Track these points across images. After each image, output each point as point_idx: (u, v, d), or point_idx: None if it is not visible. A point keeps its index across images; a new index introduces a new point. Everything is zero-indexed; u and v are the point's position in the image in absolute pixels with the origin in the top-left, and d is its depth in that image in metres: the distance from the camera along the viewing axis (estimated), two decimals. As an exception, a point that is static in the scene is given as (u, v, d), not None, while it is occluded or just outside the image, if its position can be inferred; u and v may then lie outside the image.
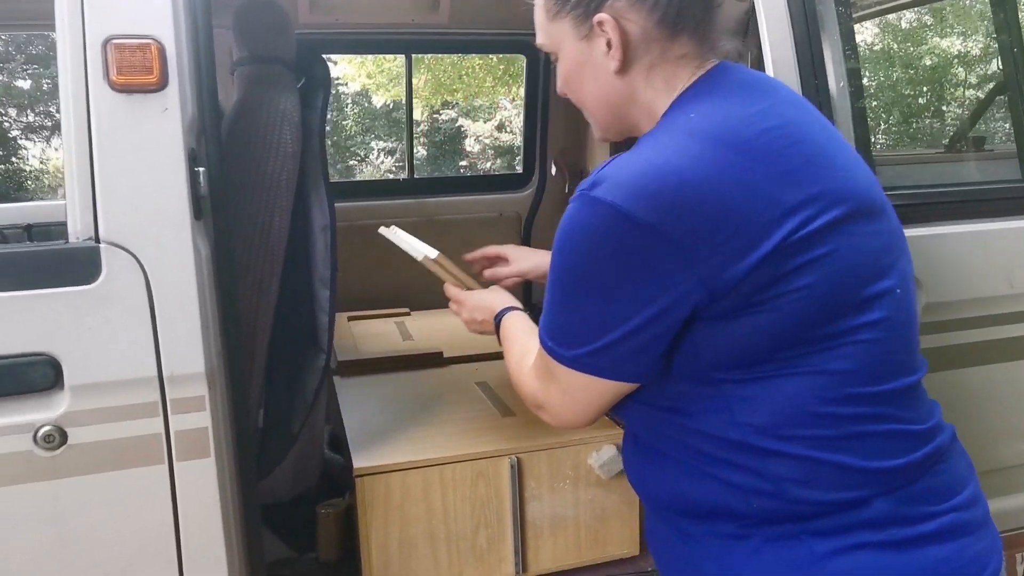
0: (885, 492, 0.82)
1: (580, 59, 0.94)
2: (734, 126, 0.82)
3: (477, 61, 12.69)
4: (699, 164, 0.79)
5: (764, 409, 0.82)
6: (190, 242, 1.13)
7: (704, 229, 0.77)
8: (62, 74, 1.11)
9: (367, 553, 1.50)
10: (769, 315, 0.79)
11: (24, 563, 1.11)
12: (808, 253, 0.78)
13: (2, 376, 1.07)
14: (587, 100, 0.98)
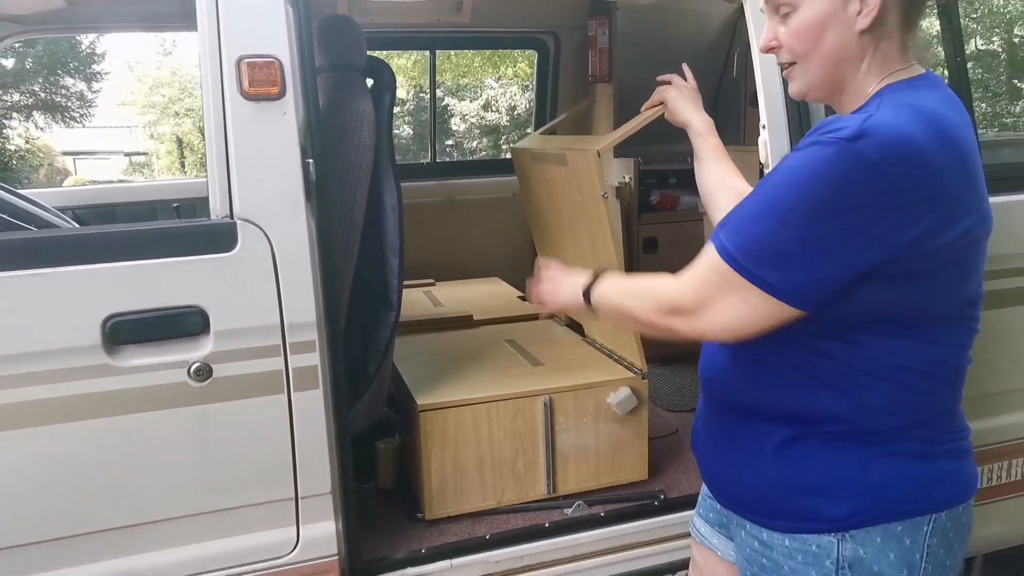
0: (922, 423, 1.07)
1: (829, 12, 1.02)
2: (956, 130, 0.98)
3: (467, 41, 12.81)
4: (936, 149, 0.93)
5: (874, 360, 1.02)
6: (304, 219, 1.43)
7: (913, 201, 0.92)
8: (204, 86, 1.40)
9: (427, 475, 1.82)
10: (923, 285, 0.97)
11: (179, 468, 1.42)
12: (961, 252, 0.98)
13: (164, 323, 1.37)
14: (817, 52, 1.05)
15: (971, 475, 1.12)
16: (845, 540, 1.06)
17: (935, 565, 1.07)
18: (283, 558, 1.51)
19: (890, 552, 1.05)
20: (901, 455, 1.06)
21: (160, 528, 1.43)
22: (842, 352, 1.03)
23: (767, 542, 1.12)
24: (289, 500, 1.50)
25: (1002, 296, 1.84)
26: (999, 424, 1.92)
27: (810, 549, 1.07)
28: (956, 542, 1.10)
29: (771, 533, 1.11)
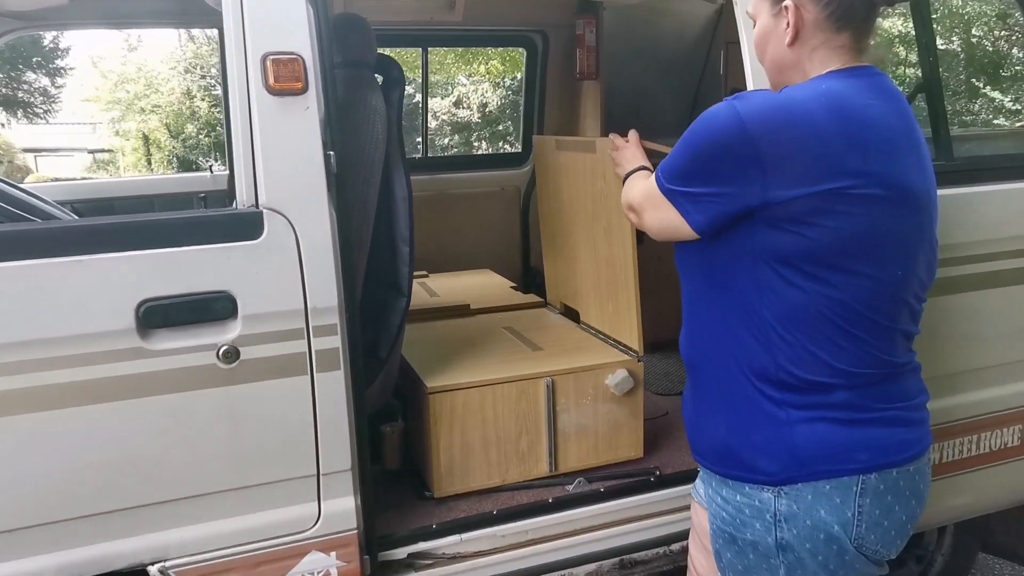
0: (847, 387, 1.19)
1: (768, 28, 1.25)
2: (846, 100, 1.14)
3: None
4: (806, 111, 1.12)
5: (784, 303, 1.17)
6: (326, 208, 1.51)
7: (785, 155, 1.10)
8: (230, 81, 1.47)
9: (436, 454, 1.90)
10: (811, 233, 1.12)
11: (208, 447, 1.48)
12: (844, 206, 1.11)
13: (195, 308, 1.43)
14: (765, 59, 1.29)
15: (904, 441, 1.23)
16: (780, 496, 1.21)
17: (870, 524, 1.19)
18: (306, 532, 1.58)
19: (820, 509, 1.18)
20: (828, 419, 1.19)
21: (190, 504, 1.50)
22: (756, 301, 1.18)
23: (726, 497, 1.27)
24: (312, 477, 1.57)
25: (958, 282, 1.96)
26: (966, 401, 2.05)
27: (754, 503, 1.23)
28: (897, 505, 1.21)
29: (728, 490, 1.27)
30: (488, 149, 15.47)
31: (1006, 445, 2.12)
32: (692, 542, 1.54)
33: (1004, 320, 2.05)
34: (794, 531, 1.20)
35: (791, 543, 1.20)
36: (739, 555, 1.27)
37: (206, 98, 17.01)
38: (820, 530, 1.19)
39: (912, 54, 14.13)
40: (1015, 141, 3.10)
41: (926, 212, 1.22)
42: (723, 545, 1.30)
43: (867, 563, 1.22)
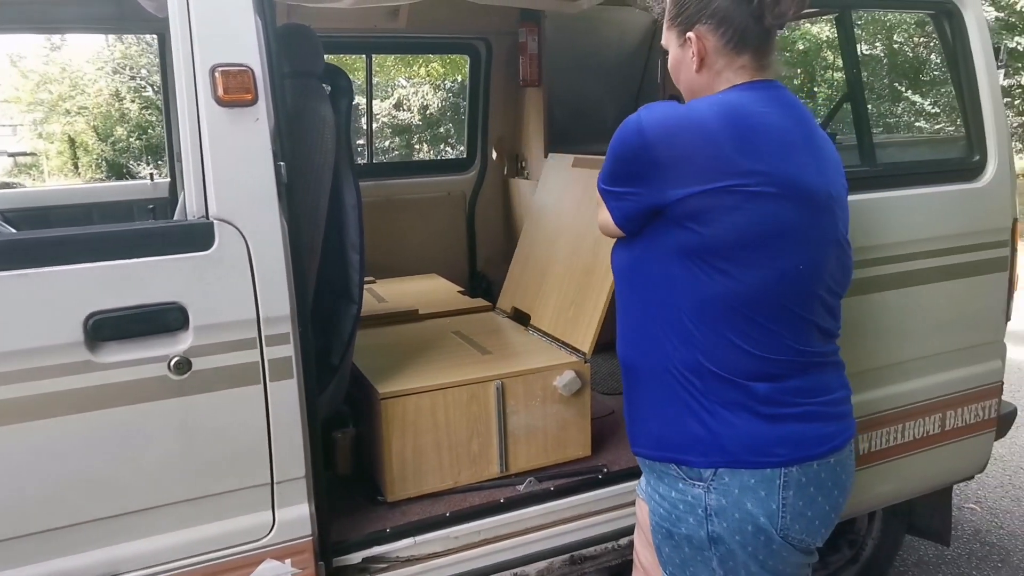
0: (766, 379, 1.27)
1: (678, 58, 1.35)
2: (741, 108, 1.24)
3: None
4: (700, 118, 1.22)
5: (696, 297, 1.25)
6: (277, 218, 1.52)
7: (679, 157, 1.21)
8: (178, 92, 1.47)
9: (388, 459, 1.92)
10: (707, 229, 1.21)
11: (160, 458, 1.48)
12: (735, 202, 1.19)
13: (146, 320, 1.43)
14: (680, 84, 1.39)
15: (822, 435, 1.30)
16: (710, 492, 1.28)
17: (794, 515, 1.27)
18: (260, 540, 1.59)
19: (747, 502, 1.26)
20: (750, 412, 1.26)
21: (143, 517, 1.49)
22: (672, 297, 1.27)
23: (662, 494, 1.35)
24: (266, 485, 1.58)
25: (882, 281, 2.08)
26: (891, 393, 2.18)
27: (687, 499, 1.30)
28: (820, 496, 1.29)
29: (664, 487, 1.34)
30: (429, 152, 15.43)
31: (928, 433, 2.26)
32: (637, 537, 1.61)
33: (924, 316, 2.18)
34: (724, 524, 1.27)
35: (722, 536, 1.28)
36: (676, 549, 1.34)
37: (136, 100, 16.52)
38: (748, 522, 1.26)
39: (839, 58, 14.72)
40: (933, 147, 3.29)
41: (828, 211, 1.29)
42: (662, 540, 1.36)
43: (794, 551, 1.30)
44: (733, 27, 1.29)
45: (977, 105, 2.26)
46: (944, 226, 2.17)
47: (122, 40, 15.32)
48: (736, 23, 1.29)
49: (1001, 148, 2.28)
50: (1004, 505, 3.19)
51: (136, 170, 15.99)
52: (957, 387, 2.28)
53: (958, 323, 2.25)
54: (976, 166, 2.25)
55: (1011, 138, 10.15)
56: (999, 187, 2.26)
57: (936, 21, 2.29)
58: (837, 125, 2.58)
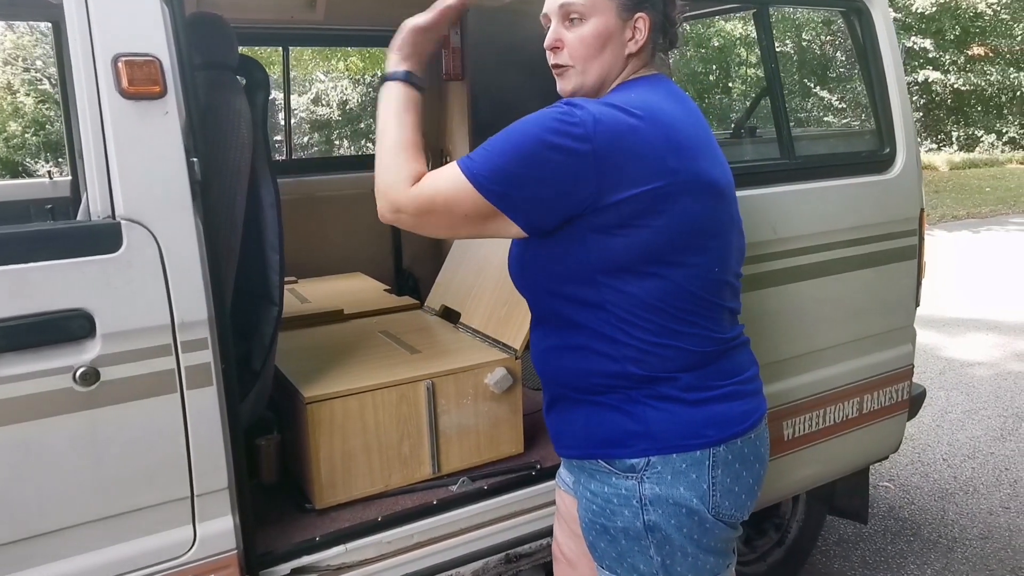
0: (689, 369, 1.29)
1: (611, 32, 1.26)
2: (667, 113, 1.23)
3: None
4: (639, 125, 1.18)
5: (624, 304, 1.24)
6: (191, 217, 1.44)
7: (619, 162, 1.16)
8: (77, 84, 1.37)
9: (316, 465, 1.86)
10: (638, 235, 1.19)
11: (67, 476, 1.38)
12: (665, 202, 1.19)
13: (47, 328, 1.33)
14: (596, 61, 1.27)
15: (743, 412, 1.34)
16: (643, 482, 1.29)
17: (723, 492, 1.31)
18: (181, 557, 1.51)
19: (680, 486, 1.28)
20: (676, 400, 1.29)
21: (50, 540, 1.39)
22: (598, 308, 1.25)
23: (594, 491, 1.34)
24: (185, 499, 1.50)
25: (799, 271, 2.14)
26: (810, 380, 2.25)
27: (621, 492, 1.31)
28: (744, 471, 1.34)
29: (595, 483, 1.34)
30: (350, 147, 15.16)
31: (847, 417, 2.34)
32: (559, 527, 1.61)
33: (840, 304, 2.25)
34: (659, 511, 1.28)
35: (658, 523, 1.29)
36: (612, 543, 1.33)
37: (31, 93, 15.61)
38: (681, 506, 1.28)
39: (752, 55, 15.23)
40: (846, 140, 3.42)
41: (730, 200, 1.33)
42: (596, 536, 1.35)
43: (725, 528, 1.33)
44: (660, 21, 1.31)
45: (886, 100, 2.35)
46: (858, 217, 2.25)
47: (13, 29, 14.44)
48: (661, 18, 1.31)
49: (909, 141, 2.38)
50: (914, 482, 3.36)
51: (33, 168, 15.13)
52: (872, 372, 2.37)
53: (872, 310, 2.34)
54: (886, 158, 2.34)
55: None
56: (908, 178, 2.36)
57: (847, 19, 2.37)
58: (753, 119, 2.63)
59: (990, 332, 5.45)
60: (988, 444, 3.70)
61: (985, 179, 14.12)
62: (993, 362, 4.85)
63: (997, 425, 3.91)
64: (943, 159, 16.46)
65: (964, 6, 16.72)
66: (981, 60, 17.50)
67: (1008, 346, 5.14)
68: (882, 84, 2.34)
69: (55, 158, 15.44)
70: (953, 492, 3.26)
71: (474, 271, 2.48)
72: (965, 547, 2.85)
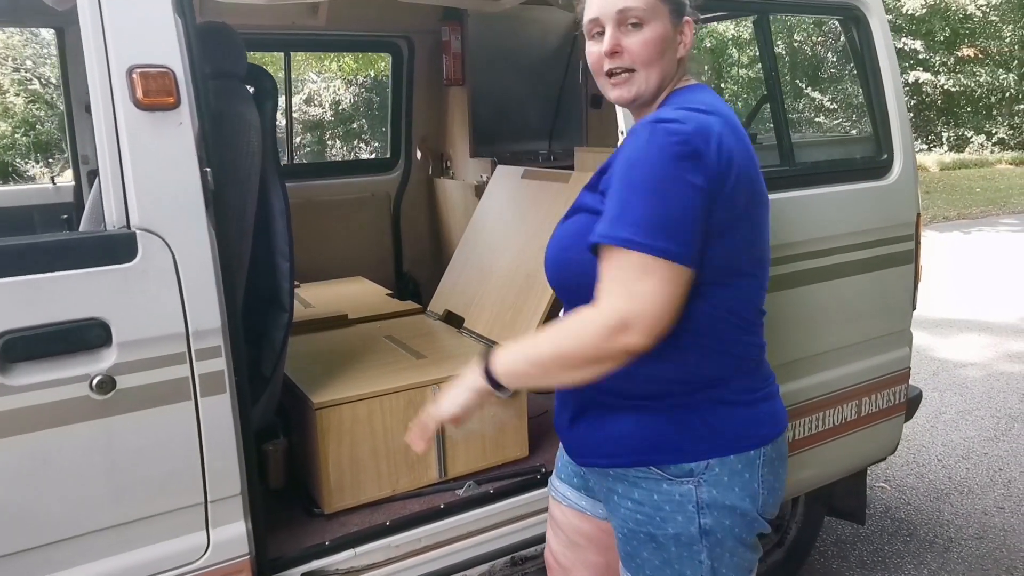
0: (743, 373, 1.31)
1: (669, 35, 1.26)
2: (735, 121, 1.23)
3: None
4: (727, 134, 1.18)
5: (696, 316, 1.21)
6: (205, 227, 1.45)
7: (725, 165, 1.15)
8: (93, 95, 1.38)
9: (325, 470, 1.88)
10: (726, 246, 1.18)
11: (84, 483, 1.39)
12: (748, 211, 1.21)
13: (64, 337, 1.34)
14: (657, 64, 1.26)
15: (783, 411, 1.39)
16: (700, 485, 1.28)
17: (769, 490, 1.33)
18: (195, 563, 1.52)
19: (735, 487, 1.29)
20: (726, 407, 1.29)
21: (67, 547, 1.40)
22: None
23: (638, 499, 1.31)
24: (199, 505, 1.52)
25: (803, 276, 2.17)
26: (813, 382, 2.28)
27: (675, 498, 1.29)
28: (780, 468, 1.37)
29: (640, 491, 1.31)
30: (342, 148, 15.16)
31: (845, 420, 2.37)
32: (553, 536, 1.60)
33: (841, 308, 2.28)
34: (715, 514, 1.28)
35: (712, 526, 1.28)
36: (657, 551, 1.31)
37: (20, 93, 15.53)
38: (736, 507, 1.28)
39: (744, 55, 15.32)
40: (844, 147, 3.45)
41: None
42: (639, 545, 1.34)
43: (765, 524, 1.35)
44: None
45: (883, 106, 2.38)
46: (857, 222, 2.28)
47: (3, 30, 14.36)
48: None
49: (906, 146, 2.41)
50: (910, 482, 3.39)
51: (23, 168, 15.06)
52: (871, 375, 2.40)
53: (870, 314, 2.37)
54: (884, 164, 2.37)
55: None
56: (905, 184, 2.39)
57: (844, 26, 2.40)
58: (753, 126, 2.66)
59: (982, 333, 5.50)
60: (982, 444, 3.74)
61: (975, 180, 14.23)
62: (985, 363, 4.90)
63: (990, 426, 3.96)
64: (933, 160, 16.57)
65: (954, 8, 16.85)
66: (971, 61, 17.65)
67: (999, 347, 5.20)
68: (879, 91, 2.37)
69: (45, 159, 15.38)
70: (948, 492, 3.29)
71: (477, 278, 2.51)
72: (961, 547, 2.89)
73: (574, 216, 1.30)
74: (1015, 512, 3.12)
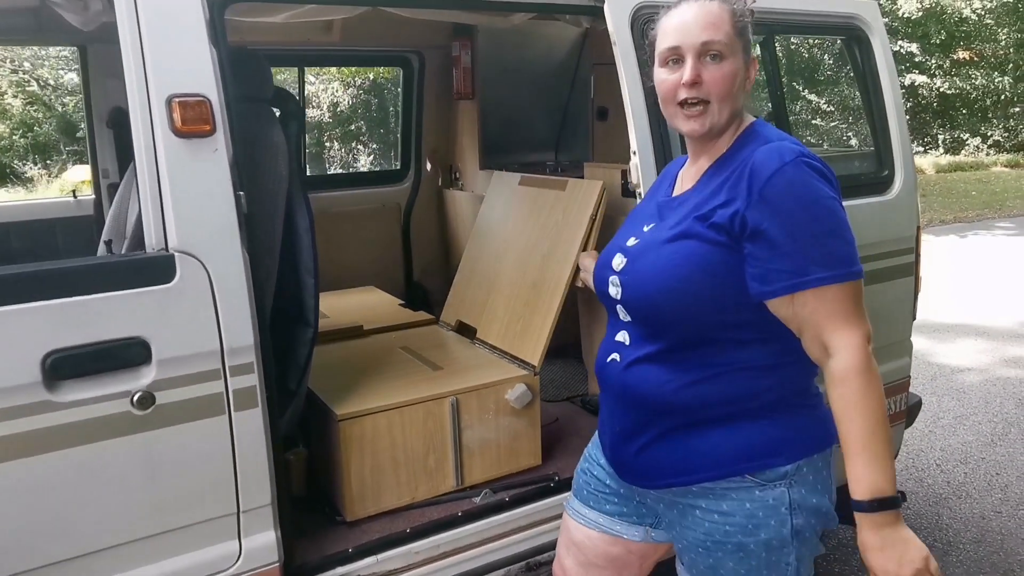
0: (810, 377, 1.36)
1: (740, 72, 1.32)
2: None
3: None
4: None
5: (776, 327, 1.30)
6: (239, 248, 1.52)
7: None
8: (135, 123, 1.45)
9: (347, 479, 1.94)
10: None
11: (123, 495, 1.46)
12: None
13: (106, 356, 1.41)
14: (730, 98, 1.32)
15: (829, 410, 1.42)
16: (792, 487, 1.32)
17: (833, 484, 1.39)
18: (227, 570, 1.59)
19: (818, 484, 1.34)
20: (808, 409, 1.37)
21: (106, 556, 1.47)
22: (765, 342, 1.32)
23: (728, 511, 1.34)
24: (232, 515, 1.58)
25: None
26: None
27: (768, 502, 1.31)
28: (833, 465, 1.41)
29: (731, 502, 1.33)
30: (340, 150, 15.22)
31: (848, 428, 2.44)
32: (567, 554, 1.64)
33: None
34: (804, 513, 1.32)
35: (802, 527, 1.32)
36: (744, 559, 1.34)
37: (19, 95, 15.55)
38: (820, 506, 1.34)
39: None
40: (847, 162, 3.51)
41: None
42: (723, 557, 1.36)
43: (837, 518, 1.39)
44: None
45: (885, 124, 2.45)
46: (861, 236, 2.34)
47: (5, 33, 14.36)
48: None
49: (906, 162, 2.48)
50: (909, 487, 3.46)
51: (21, 169, 15.08)
52: (873, 384, 2.47)
53: (874, 325, 2.44)
54: (886, 180, 2.45)
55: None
56: (906, 198, 2.46)
57: (848, 47, 2.47)
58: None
59: (979, 337, 5.58)
60: (979, 449, 3.81)
61: (971, 182, 14.33)
62: (983, 368, 4.98)
63: (987, 431, 4.03)
64: (929, 162, 16.68)
65: (949, 11, 16.97)
66: (966, 64, 17.76)
67: (997, 351, 5.28)
68: (880, 109, 2.45)
69: (43, 160, 15.40)
70: (947, 497, 3.37)
71: (485, 288, 2.57)
72: (959, 551, 2.96)
73: (683, 242, 1.31)
74: (1012, 516, 3.19)
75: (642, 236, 1.40)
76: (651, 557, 1.61)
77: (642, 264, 1.36)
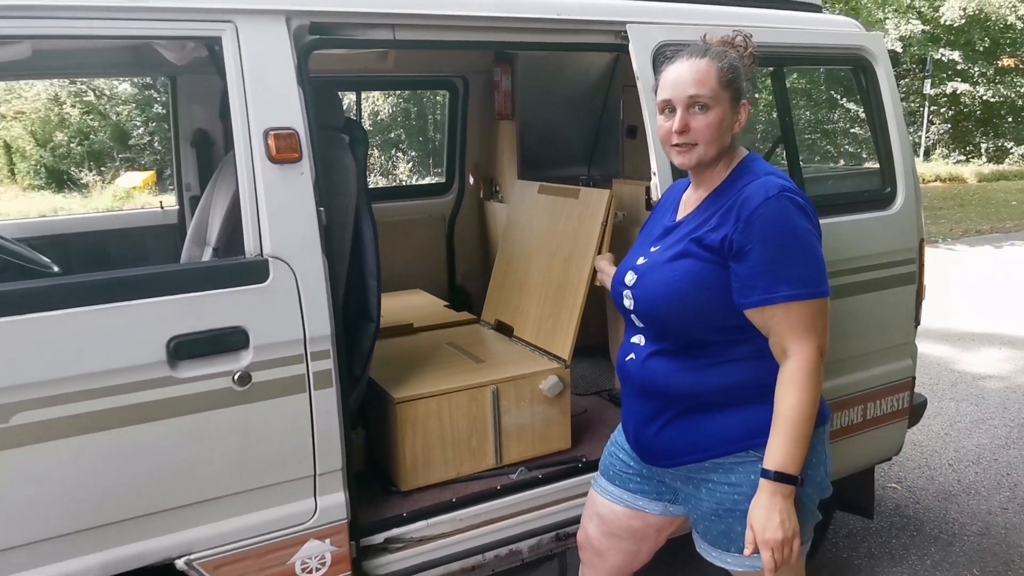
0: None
1: (727, 118, 1.54)
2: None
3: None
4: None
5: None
6: (319, 255, 1.83)
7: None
8: (239, 151, 1.77)
9: (402, 454, 2.24)
10: None
11: (224, 456, 1.78)
12: None
13: (216, 341, 1.73)
14: (716, 142, 1.54)
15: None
16: None
17: (828, 459, 1.64)
18: (305, 524, 1.90)
19: (812, 458, 1.56)
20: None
21: (210, 506, 1.78)
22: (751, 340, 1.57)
23: (736, 482, 1.57)
24: (309, 477, 1.89)
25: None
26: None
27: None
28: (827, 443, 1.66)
29: (738, 474, 1.57)
30: (380, 156, 15.67)
31: (852, 422, 2.68)
32: (592, 524, 1.90)
33: (849, 322, 2.59)
34: (801, 483, 1.50)
35: (800, 495, 1.51)
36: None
37: (76, 104, 16.29)
38: (815, 476, 1.57)
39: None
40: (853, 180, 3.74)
41: None
42: (733, 522, 1.58)
43: (831, 488, 1.64)
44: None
45: (888, 145, 2.69)
46: (865, 248, 2.59)
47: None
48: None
49: (908, 180, 2.71)
50: (920, 484, 3.66)
51: (78, 176, 15.79)
52: (876, 382, 2.71)
53: (876, 328, 2.68)
54: (888, 196, 2.68)
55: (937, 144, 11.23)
56: (907, 213, 2.70)
57: (855, 75, 2.71)
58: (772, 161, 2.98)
59: (1003, 346, 5.70)
60: (992, 451, 3.99)
61: (1013, 192, 14.21)
62: (1004, 375, 5.12)
63: (1003, 434, 4.19)
64: (971, 171, 16.53)
65: (994, 18, 16.81)
66: (1011, 72, 17.56)
67: (1019, 360, 5.40)
68: (884, 132, 2.68)
69: (98, 167, 16.11)
70: (956, 494, 3.56)
71: (517, 289, 2.86)
72: (963, 542, 3.16)
73: (681, 260, 1.58)
74: (1018, 513, 3.37)
75: (650, 256, 1.67)
76: (666, 530, 1.88)
77: (649, 280, 1.63)
